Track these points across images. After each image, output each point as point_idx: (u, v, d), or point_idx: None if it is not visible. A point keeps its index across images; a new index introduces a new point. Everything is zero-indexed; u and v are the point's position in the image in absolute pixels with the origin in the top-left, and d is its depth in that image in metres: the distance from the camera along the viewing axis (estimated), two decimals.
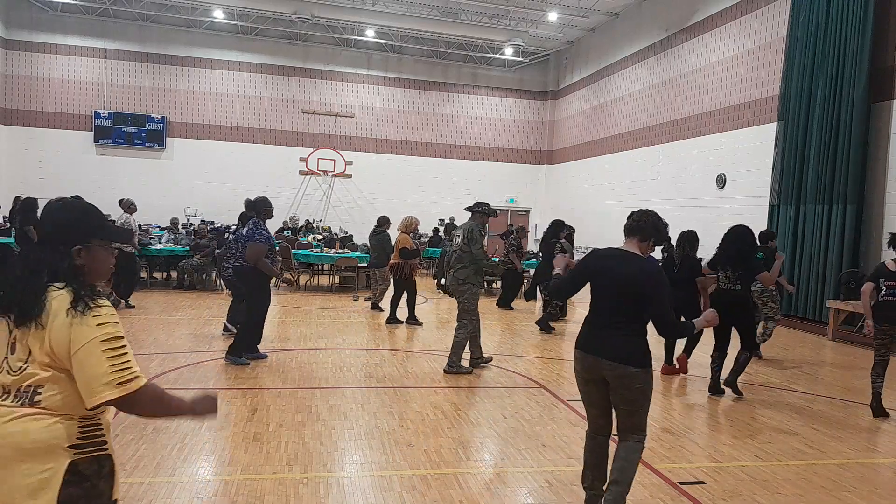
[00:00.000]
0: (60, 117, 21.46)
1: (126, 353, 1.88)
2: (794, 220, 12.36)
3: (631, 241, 3.68)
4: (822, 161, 11.75)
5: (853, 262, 11.18)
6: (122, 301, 10.15)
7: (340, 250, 14.85)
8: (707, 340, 6.93)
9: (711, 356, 6.59)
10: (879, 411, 5.98)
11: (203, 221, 19.62)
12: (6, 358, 1.91)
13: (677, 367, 7.38)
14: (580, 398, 6.15)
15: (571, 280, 3.73)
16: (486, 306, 12.39)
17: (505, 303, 12.66)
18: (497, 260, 13.84)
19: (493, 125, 25.16)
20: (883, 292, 5.84)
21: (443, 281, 14.26)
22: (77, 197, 3.26)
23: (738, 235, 6.40)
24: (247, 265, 6.90)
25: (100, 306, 1.89)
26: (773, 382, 7.21)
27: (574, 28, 21.50)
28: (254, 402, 5.57)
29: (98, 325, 1.85)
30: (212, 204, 21.30)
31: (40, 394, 1.85)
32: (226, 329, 8.35)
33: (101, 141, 21.57)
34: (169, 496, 3.70)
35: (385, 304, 11.53)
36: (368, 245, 12.09)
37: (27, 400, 1.85)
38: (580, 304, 11.12)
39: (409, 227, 10.11)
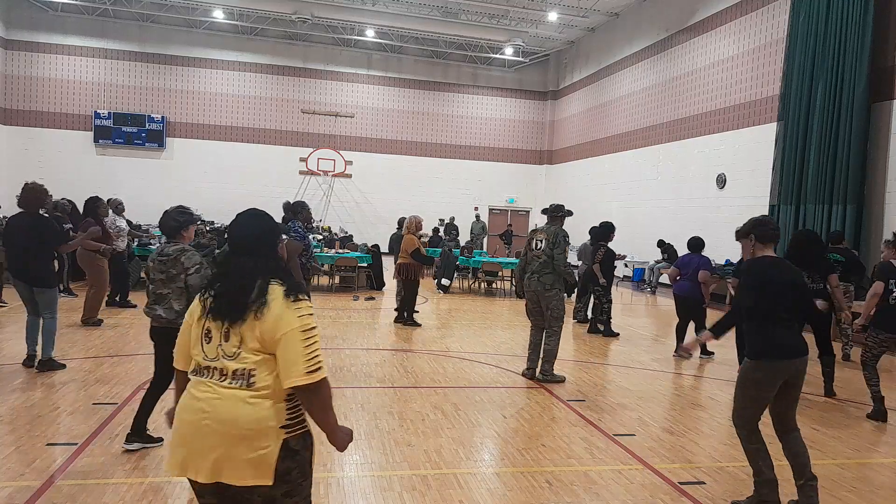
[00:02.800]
0: (60, 117, 21.46)
1: (318, 344, 2.17)
2: (794, 220, 12.36)
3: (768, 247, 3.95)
4: (822, 161, 11.75)
5: None
6: (118, 299, 10.18)
7: (340, 250, 14.85)
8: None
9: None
10: (880, 414, 5.81)
11: (203, 221, 19.59)
12: (220, 345, 2.18)
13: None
14: (581, 398, 6.16)
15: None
16: (487, 307, 12.39)
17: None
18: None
19: (493, 125, 25.16)
20: (894, 294, 5.64)
21: (443, 281, 14.27)
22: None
23: (811, 240, 6.43)
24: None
25: (302, 299, 2.21)
26: None
27: (574, 28, 21.51)
28: None
29: (299, 316, 2.16)
30: (212, 204, 21.28)
31: (254, 376, 2.13)
32: None
33: (100, 141, 21.58)
34: (169, 496, 3.70)
35: (385, 302, 11.54)
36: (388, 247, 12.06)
37: (244, 382, 2.13)
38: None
39: (416, 227, 10.00)
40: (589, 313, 10.37)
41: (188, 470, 2.13)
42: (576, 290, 11.47)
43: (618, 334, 9.66)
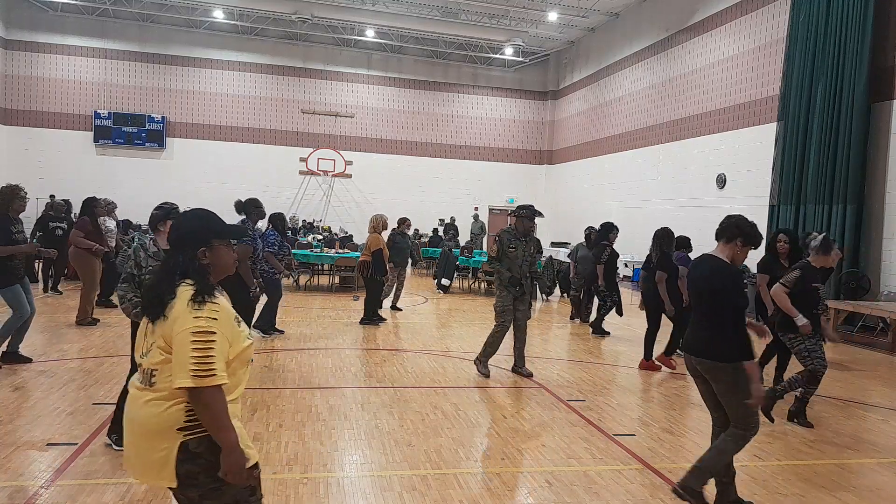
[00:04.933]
0: (60, 117, 21.46)
1: (211, 351, 2.07)
2: (794, 220, 12.35)
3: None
4: (822, 161, 11.75)
5: (853, 262, 11.18)
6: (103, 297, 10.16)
7: (340, 250, 14.85)
8: None
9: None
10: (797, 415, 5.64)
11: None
12: (144, 343, 2.22)
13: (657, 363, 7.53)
14: (581, 398, 6.16)
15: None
16: (487, 307, 12.39)
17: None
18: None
19: (493, 125, 25.16)
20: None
21: (443, 281, 14.27)
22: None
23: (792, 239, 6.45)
24: None
25: (209, 303, 2.13)
26: (773, 382, 7.20)
27: (574, 28, 21.51)
28: (254, 402, 5.57)
29: (195, 318, 2.09)
30: (212, 204, 21.04)
31: (155, 375, 2.13)
32: None
33: (100, 141, 21.58)
34: (169, 496, 3.69)
35: (386, 302, 11.53)
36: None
37: (148, 382, 2.15)
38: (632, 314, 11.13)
39: (382, 226, 9.97)
40: (594, 314, 10.36)
41: (128, 470, 2.17)
42: (562, 290, 11.41)
43: (608, 333, 9.67)
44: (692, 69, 16.40)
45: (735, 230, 3.71)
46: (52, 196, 18.46)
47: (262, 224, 8.24)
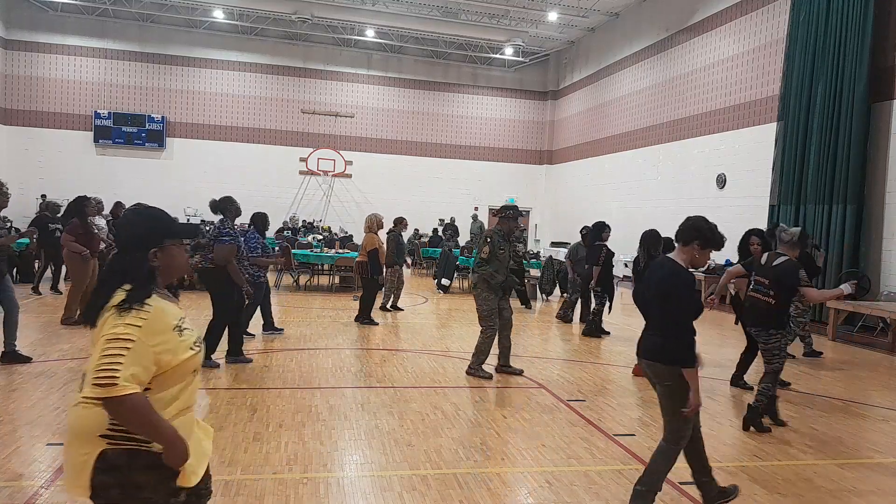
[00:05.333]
0: (60, 117, 21.46)
1: (120, 357, 1.90)
2: (794, 221, 12.35)
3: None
4: (822, 161, 11.75)
5: (853, 262, 11.18)
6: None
7: (340, 250, 14.85)
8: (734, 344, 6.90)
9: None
10: (752, 424, 5.41)
11: (203, 221, 19.62)
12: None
13: None
14: (581, 398, 6.16)
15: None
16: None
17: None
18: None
19: (493, 125, 25.16)
20: (751, 287, 5.56)
21: (443, 281, 14.26)
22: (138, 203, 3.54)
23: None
24: (210, 266, 6.62)
25: (134, 309, 1.99)
26: None
27: (574, 28, 21.51)
28: (254, 402, 5.57)
29: (115, 325, 1.96)
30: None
31: (85, 379, 2.00)
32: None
33: (101, 141, 21.58)
34: None
35: (400, 303, 11.52)
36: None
37: (80, 386, 2.03)
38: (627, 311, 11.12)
39: (377, 226, 9.94)
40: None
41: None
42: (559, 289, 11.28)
43: (607, 333, 9.64)
44: (692, 69, 16.40)
45: (692, 232, 3.58)
46: (43, 196, 18.46)
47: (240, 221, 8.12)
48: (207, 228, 14.98)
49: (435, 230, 21.32)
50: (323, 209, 23.42)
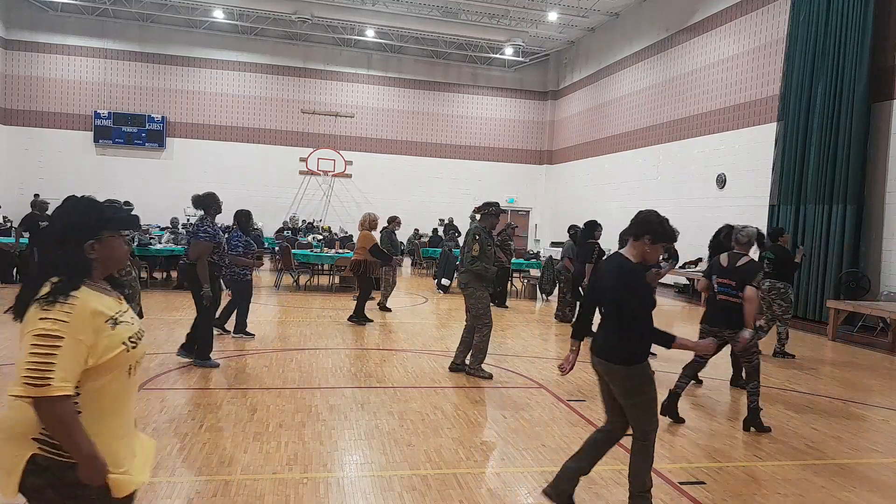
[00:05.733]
0: (60, 117, 21.46)
1: (51, 356, 1.83)
2: (794, 220, 12.36)
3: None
4: (822, 161, 11.75)
5: (853, 262, 11.18)
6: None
7: (340, 250, 14.84)
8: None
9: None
10: (753, 423, 5.40)
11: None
12: None
13: None
14: (581, 398, 6.16)
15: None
16: None
17: (501, 301, 12.54)
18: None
19: (493, 125, 25.16)
20: (715, 290, 5.53)
21: (443, 281, 14.26)
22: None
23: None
24: (190, 263, 6.60)
25: (59, 302, 1.89)
26: (773, 382, 7.21)
27: (574, 28, 21.51)
28: (254, 402, 5.57)
29: (41, 318, 1.86)
30: None
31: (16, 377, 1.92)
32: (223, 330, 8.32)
33: (101, 141, 21.58)
34: (169, 496, 3.70)
35: (390, 303, 11.53)
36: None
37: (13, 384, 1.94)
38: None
39: (371, 224, 9.93)
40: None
41: None
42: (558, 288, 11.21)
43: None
44: (692, 69, 16.41)
45: (643, 227, 3.51)
46: (36, 195, 18.44)
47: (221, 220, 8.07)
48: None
49: (435, 230, 21.31)
50: (323, 209, 23.42)
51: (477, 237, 6.69)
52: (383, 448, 4.61)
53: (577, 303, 10.36)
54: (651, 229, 3.50)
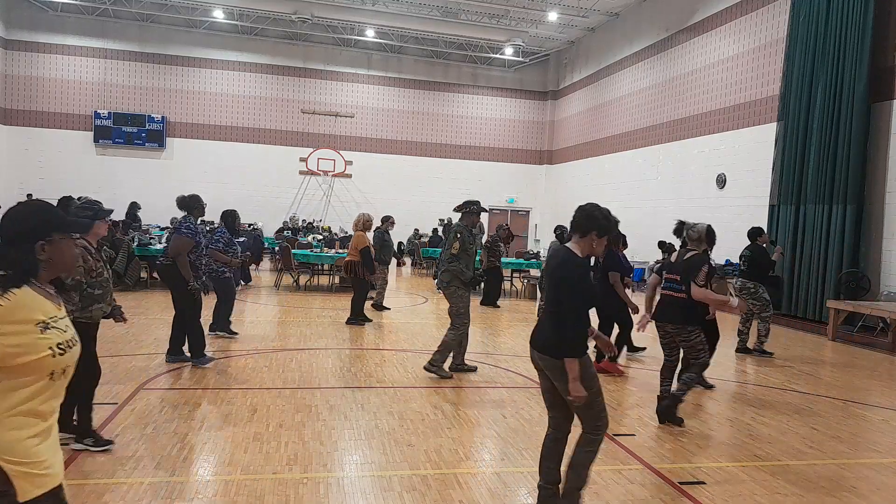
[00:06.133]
0: (60, 117, 21.46)
1: None
2: (794, 220, 12.36)
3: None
4: (822, 161, 11.75)
5: (853, 262, 11.18)
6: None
7: (340, 250, 14.84)
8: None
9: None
10: (667, 416, 5.41)
11: (203, 221, 19.60)
12: None
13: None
14: None
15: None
16: (486, 306, 12.38)
17: (490, 300, 12.53)
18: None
19: (493, 125, 25.16)
20: (664, 285, 5.58)
21: None
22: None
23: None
24: (169, 262, 6.59)
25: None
26: (773, 382, 7.21)
27: (574, 28, 21.51)
28: (254, 402, 5.57)
29: None
30: (212, 204, 21.19)
31: None
32: (211, 329, 8.29)
33: (101, 141, 21.58)
34: (169, 496, 3.70)
35: (387, 302, 11.53)
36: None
37: None
38: None
39: (364, 225, 9.92)
40: None
41: None
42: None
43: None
44: (692, 69, 16.41)
45: (590, 222, 3.47)
46: (29, 195, 18.45)
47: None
48: (207, 229, 14.97)
49: (435, 230, 21.30)
50: (323, 209, 23.42)
51: (458, 235, 6.64)
52: (383, 448, 4.61)
53: None
54: (597, 224, 3.49)
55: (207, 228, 8.99)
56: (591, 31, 21.72)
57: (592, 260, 8.46)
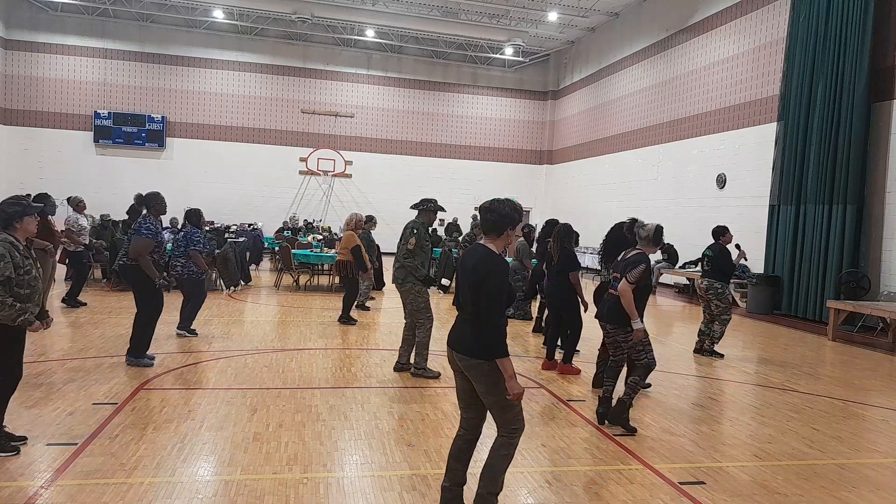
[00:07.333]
0: (60, 117, 21.46)
1: None
2: (794, 220, 12.36)
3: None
4: (822, 161, 11.76)
5: (853, 262, 11.18)
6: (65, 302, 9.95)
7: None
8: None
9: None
10: (616, 421, 5.28)
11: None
12: None
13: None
14: (581, 398, 6.16)
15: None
16: None
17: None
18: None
19: (493, 125, 25.16)
20: (610, 284, 5.46)
21: (443, 281, 14.24)
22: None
23: (615, 231, 6.32)
24: (131, 262, 6.51)
25: None
26: (773, 382, 7.21)
27: (574, 28, 21.51)
28: (254, 402, 5.57)
29: None
30: (212, 204, 21.29)
31: None
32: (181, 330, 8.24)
33: (101, 141, 21.58)
34: (169, 496, 3.70)
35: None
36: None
37: None
38: None
39: (356, 224, 9.91)
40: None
41: None
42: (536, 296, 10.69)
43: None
44: (692, 69, 16.40)
45: (504, 221, 3.41)
46: (28, 195, 18.43)
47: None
48: (207, 228, 14.95)
49: (434, 230, 21.29)
50: (323, 209, 23.42)
51: (415, 231, 6.60)
52: (383, 448, 4.61)
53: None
54: (512, 221, 3.46)
55: (180, 229, 8.95)
56: (591, 31, 21.72)
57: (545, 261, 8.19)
